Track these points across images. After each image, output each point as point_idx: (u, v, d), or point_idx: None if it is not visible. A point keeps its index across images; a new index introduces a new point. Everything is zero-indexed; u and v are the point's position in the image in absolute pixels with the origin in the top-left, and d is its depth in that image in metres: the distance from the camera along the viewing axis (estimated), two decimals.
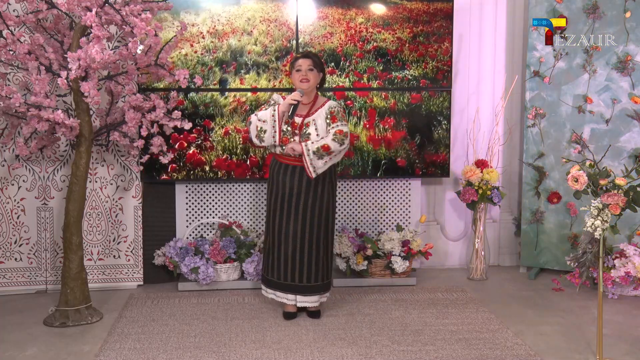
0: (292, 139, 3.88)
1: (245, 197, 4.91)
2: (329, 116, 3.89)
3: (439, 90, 4.78)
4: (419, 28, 4.71)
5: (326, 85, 4.67)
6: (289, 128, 3.88)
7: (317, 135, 3.86)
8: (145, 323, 3.96)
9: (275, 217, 3.95)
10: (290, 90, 4.62)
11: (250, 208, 4.92)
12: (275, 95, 4.02)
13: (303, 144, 3.83)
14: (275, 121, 3.84)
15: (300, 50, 4.60)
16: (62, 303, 4.01)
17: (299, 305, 4.01)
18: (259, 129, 3.87)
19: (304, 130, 3.87)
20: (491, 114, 5.15)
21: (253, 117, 3.91)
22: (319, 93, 4.05)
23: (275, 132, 3.84)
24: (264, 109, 3.93)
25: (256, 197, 4.92)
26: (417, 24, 4.71)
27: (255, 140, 3.91)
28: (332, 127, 3.86)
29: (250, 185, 4.90)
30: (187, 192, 4.85)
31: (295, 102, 3.82)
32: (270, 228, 3.99)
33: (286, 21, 4.62)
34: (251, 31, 4.60)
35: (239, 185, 4.90)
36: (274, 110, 3.86)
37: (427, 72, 4.74)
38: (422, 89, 4.77)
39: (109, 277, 4.67)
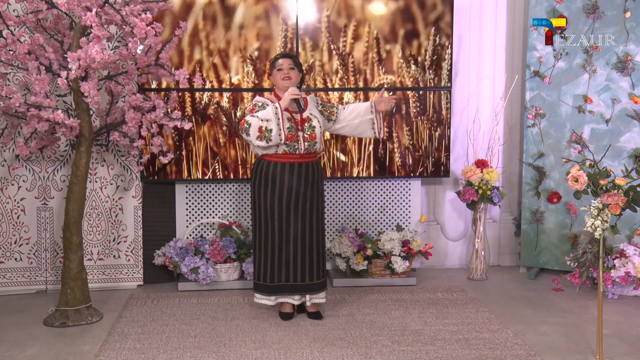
0: (296, 135, 3.87)
1: (245, 197, 4.91)
2: (319, 107, 4.02)
3: (438, 90, 4.79)
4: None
5: (322, 85, 4.69)
6: (292, 124, 3.87)
7: (320, 128, 3.92)
8: (145, 323, 3.96)
9: (282, 217, 3.89)
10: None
11: (250, 208, 4.92)
12: (259, 98, 3.95)
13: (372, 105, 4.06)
14: (279, 119, 3.77)
15: (301, 50, 4.61)
16: (62, 303, 4.01)
17: (309, 303, 4.00)
18: (264, 129, 3.75)
19: (309, 124, 3.89)
20: (491, 114, 5.15)
21: (252, 119, 3.76)
22: None
23: (280, 129, 3.77)
24: (254, 110, 3.82)
25: None
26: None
27: (257, 142, 3.77)
28: (342, 107, 4.08)
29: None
30: (187, 192, 4.85)
31: (298, 96, 3.83)
32: (270, 230, 3.91)
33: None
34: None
35: (239, 185, 4.90)
36: (276, 108, 3.78)
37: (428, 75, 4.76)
38: (422, 89, 4.77)
39: (109, 277, 4.67)
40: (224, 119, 4.64)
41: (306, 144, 3.87)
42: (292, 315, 4.03)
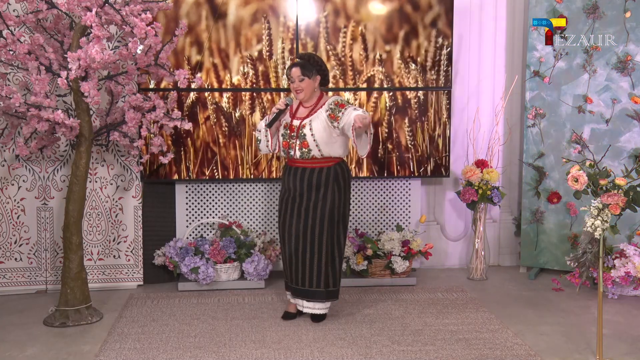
0: (290, 142, 3.88)
1: (245, 197, 4.92)
2: (329, 112, 3.80)
3: (438, 90, 4.79)
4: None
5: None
6: (287, 131, 3.89)
7: (312, 135, 3.81)
8: (145, 323, 3.96)
9: (281, 218, 3.97)
10: (288, 90, 4.62)
11: (251, 208, 4.93)
12: (283, 99, 3.89)
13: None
14: (267, 130, 3.92)
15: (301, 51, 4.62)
16: (62, 303, 4.01)
17: (302, 310, 3.99)
18: (255, 138, 4.04)
19: (300, 132, 3.86)
20: (491, 114, 5.15)
21: (257, 127, 4.09)
22: (324, 93, 4.00)
23: (268, 140, 3.93)
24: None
25: (256, 196, 4.92)
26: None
27: (258, 149, 4.07)
28: (351, 108, 3.74)
29: (250, 185, 4.90)
30: (187, 192, 4.85)
31: (277, 111, 3.84)
32: (279, 231, 4.02)
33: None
34: None
35: (239, 185, 4.90)
36: (266, 120, 3.93)
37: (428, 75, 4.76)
38: (422, 89, 4.77)
39: (109, 277, 4.67)
40: (223, 119, 4.65)
41: (299, 151, 3.87)
42: (294, 316, 4.03)
